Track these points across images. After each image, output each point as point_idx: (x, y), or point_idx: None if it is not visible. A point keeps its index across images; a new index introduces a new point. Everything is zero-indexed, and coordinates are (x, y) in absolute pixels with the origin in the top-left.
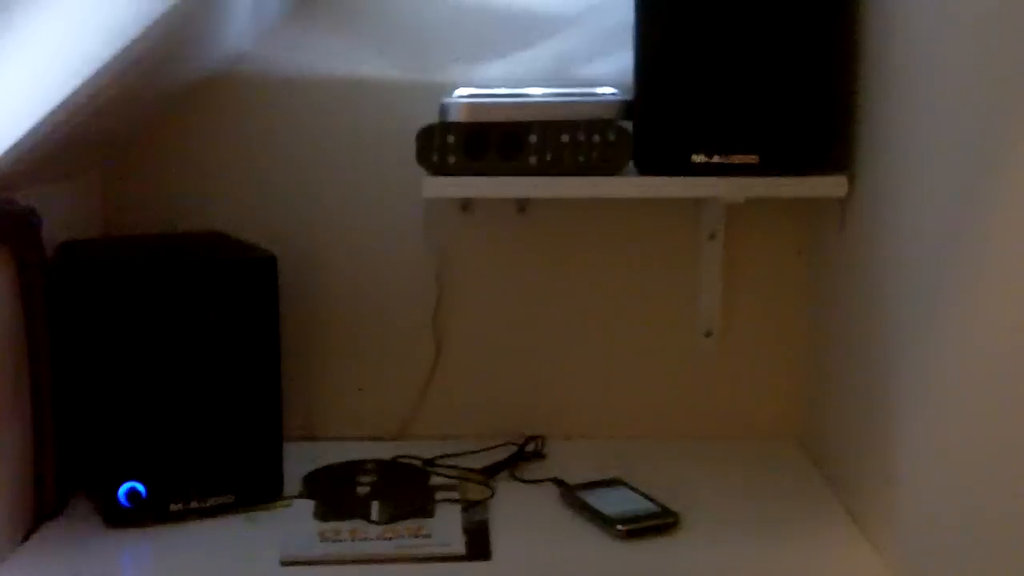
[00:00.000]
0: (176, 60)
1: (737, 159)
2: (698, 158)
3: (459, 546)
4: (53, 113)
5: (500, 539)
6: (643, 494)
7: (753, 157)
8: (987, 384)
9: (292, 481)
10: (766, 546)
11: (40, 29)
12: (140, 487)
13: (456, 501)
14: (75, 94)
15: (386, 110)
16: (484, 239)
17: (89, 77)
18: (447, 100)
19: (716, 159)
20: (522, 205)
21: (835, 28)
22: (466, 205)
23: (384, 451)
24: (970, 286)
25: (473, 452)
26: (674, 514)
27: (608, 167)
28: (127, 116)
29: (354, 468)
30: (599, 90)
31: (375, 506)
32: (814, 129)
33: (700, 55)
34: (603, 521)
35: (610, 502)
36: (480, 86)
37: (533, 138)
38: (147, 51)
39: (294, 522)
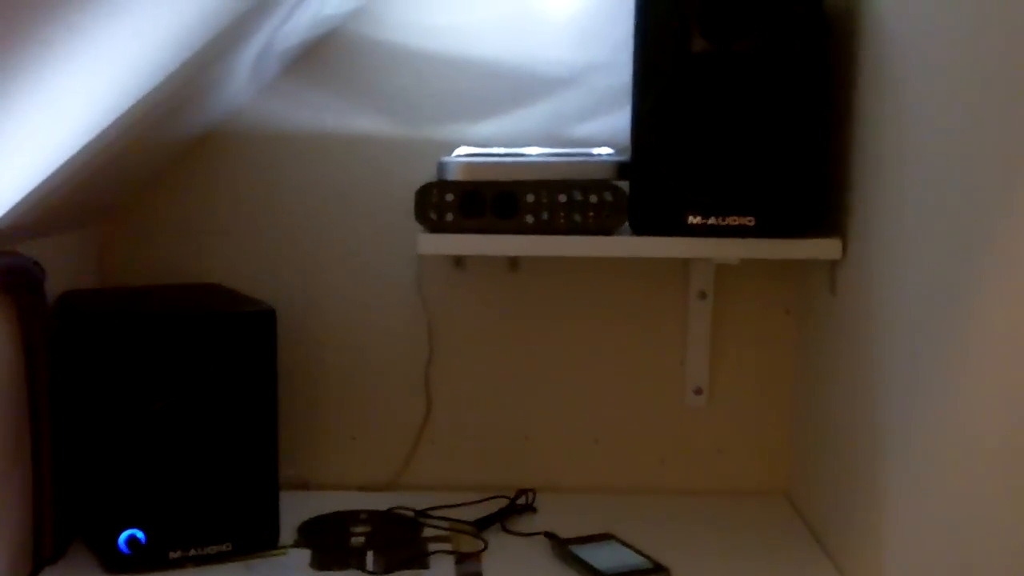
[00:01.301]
0: (179, 116)
1: (733, 221)
2: (694, 219)
3: None
4: (58, 171)
5: None
6: (634, 549)
7: (749, 219)
8: (974, 449)
9: (287, 530)
10: None
11: (46, 91)
12: (140, 534)
13: (450, 552)
14: (80, 152)
15: (381, 166)
16: (476, 295)
17: (96, 136)
18: (445, 159)
19: (712, 220)
20: (514, 262)
21: (831, 92)
22: (459, 261)
23: (376, 502)
24: (959, 352)
25: (464, 504)
26: (665, 569)
27: (604, 227)
28: (128, 170)
29: (348, 518)
30: (595, 150)
31: (370, 556)
32: (809, 192)
33: (697, 117)
34: (595, 575)
35: (601, 556)
36: (476, 144)
37: (530, 197)
38: (152, 109)
39: (291, 571)
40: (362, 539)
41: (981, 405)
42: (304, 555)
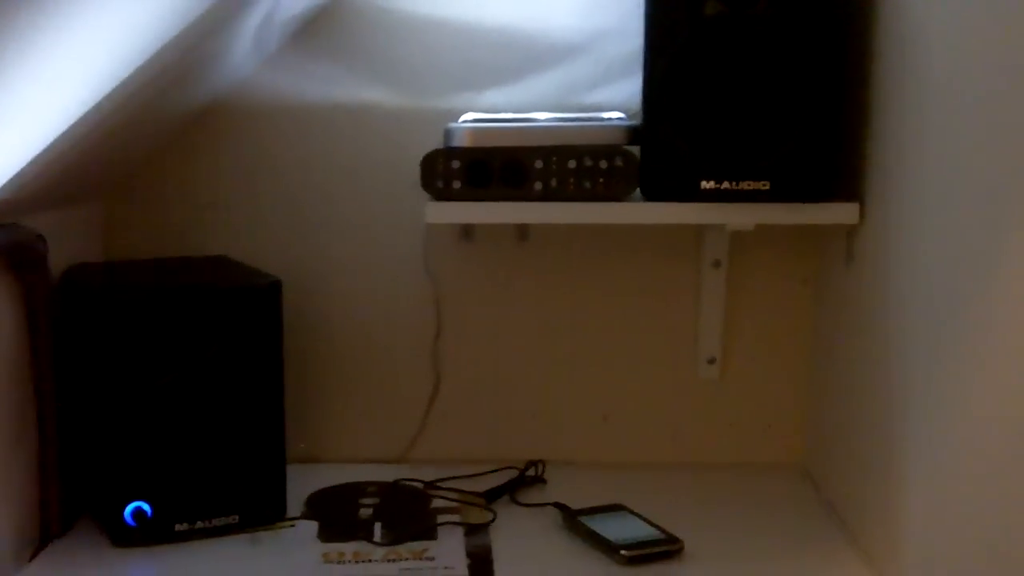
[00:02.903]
0: (180, 87)
1: (747, 186)
2: (707, 184)
3: (462, 569)
4: (58, 140)
5: (503, 563)
6: (646, 520)
7: (764, 183)
8: (996, 421)
9: (295, 503)
10: (771, 574)
11: (47, 58)
12: (146, 507)
13: (458, 524)
14: (80, 122)
15: (388, 137)
16: (485, 267)
17: (95, 105)
18: (452, 126)
19: (725, 185)
20: (523, 232)
21: (847, 52)
22: (467, 232)
23: (385, 474)
24: (982, 321)
25: (473, 476)
26: (678, 541)
27: (614, 193)
28: (131, 142)
29: (356, 490)
30: (605, 115)
31: (378, 528)
32: (825, 156)
33: (710, 79)
34: (606, 546)
35: (613, 527)
36: (484, 112)
37: (538, 164)
38: (152, 79)
39: (298, 543)
40: (370, 511)
41: (1007, 377)
42: (312, 527)
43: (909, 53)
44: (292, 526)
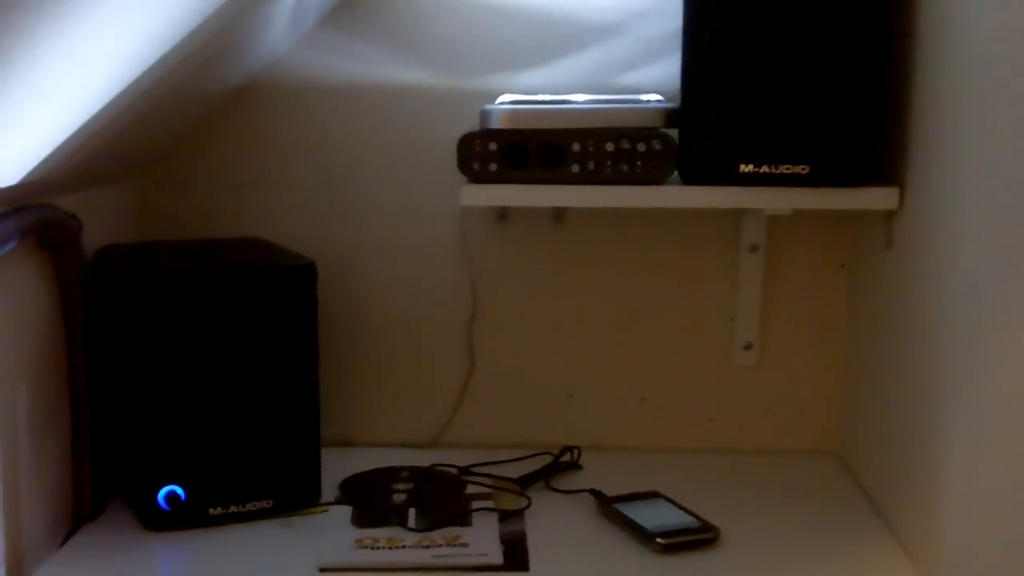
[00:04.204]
0: (215, 66)
1: (786, 169)
2: (745, 168)
3: (497, 556)
4: (93, 119)
5: (537, 550)
6: (682, 507)
7: (803, 167)
8: None
9: (328, 487)
10: (809, 564)
11: (82, 36)
12: (179, 491)
13: (493, 510)
14: (115, 100)
15: (424, 117)
16: (521, 250)
17: (129, 83)
18: (488, 107)
19: (764, 169)
20: (559, 215)
21: (888, 35)
22: (503, 215)
23: (418, 458)
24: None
25: (508, 461)
26: (714, 528)
27: (652, 176)
28: (165, 122)
29: (390, 475)
30: (644, 97)
31: (412, 514)
32: (865, 139)
33: (749, 62)
34: (641, 534)
35: (648, 515)
36: (521, 94)
37: (576, 146)
38: (187, 59)
39: (331, 528)
40: (404, 496)
41: None
42: (345, 512)
43: (950, 36)
44: (326, 511)
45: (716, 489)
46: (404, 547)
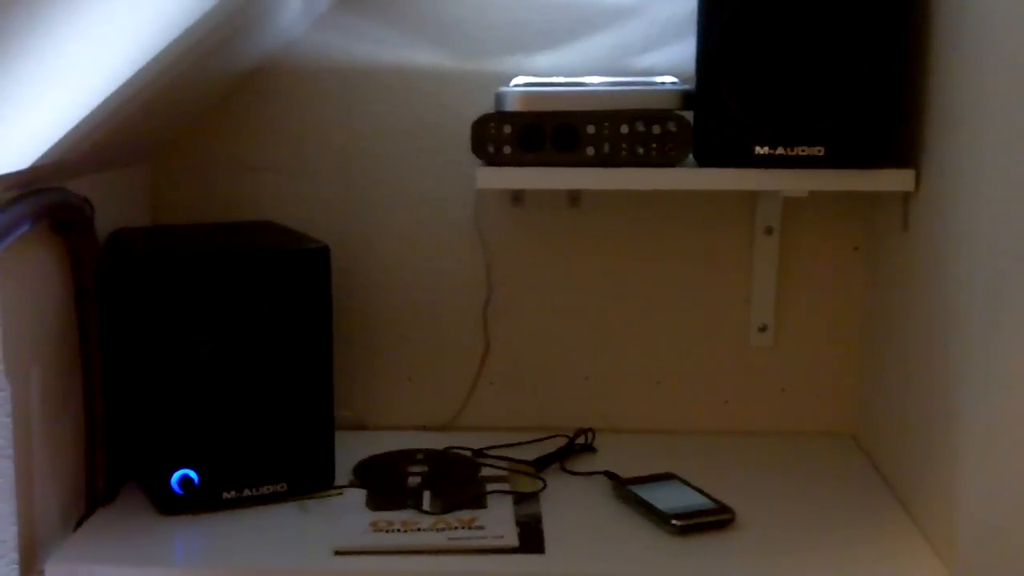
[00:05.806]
0: (228, 48)
1: (801, 151)
2: (761, 150)
3: (512, 539)
4: (106, 102)
5: (553, 532)
6: (697, 489)
7: (818, 149)
8: None
9: (343, 470)
10: (825, 546)
11: (97, 17)
12: (193, 475)
13: (508, 493)
14: (128, 82)
15: (438, 101)
16: (536, 232)
17: (143, 65)
18: (503, 90)
19: (780, 151)
20: (574, 198)
21: (905, 16)
22: (518, 198)
23: (433, 441)
24: None
25: (523, 444)
26: (730, 510)
27: (668, 159)
28: (178, 104)
29: (405, 458)
30: (659, 79)
31: (427, 496)
32: (881, 121)
33: (765, 43)
34: (657, 516)
35: (664, 497)
36: (535, 76)
37: (591, 129)
38: (200, 40)
39: (346, 511)
40: (419, 479)
41: None
42: (360, 495)
43: (967, 17)
44: (340, 494)
45: (731, 471)
46: (419, 530)
